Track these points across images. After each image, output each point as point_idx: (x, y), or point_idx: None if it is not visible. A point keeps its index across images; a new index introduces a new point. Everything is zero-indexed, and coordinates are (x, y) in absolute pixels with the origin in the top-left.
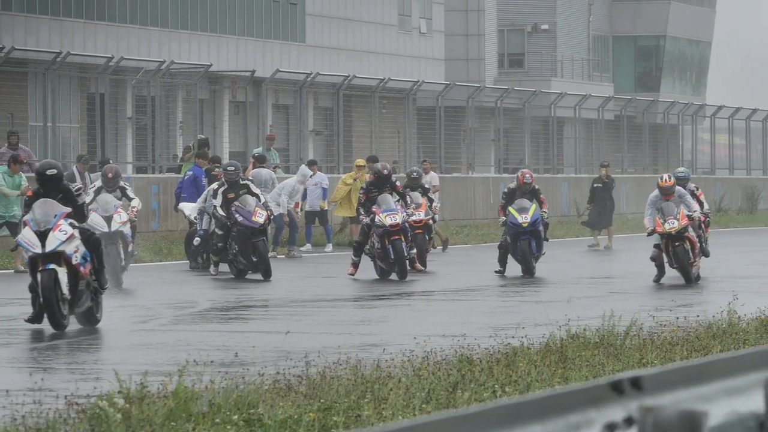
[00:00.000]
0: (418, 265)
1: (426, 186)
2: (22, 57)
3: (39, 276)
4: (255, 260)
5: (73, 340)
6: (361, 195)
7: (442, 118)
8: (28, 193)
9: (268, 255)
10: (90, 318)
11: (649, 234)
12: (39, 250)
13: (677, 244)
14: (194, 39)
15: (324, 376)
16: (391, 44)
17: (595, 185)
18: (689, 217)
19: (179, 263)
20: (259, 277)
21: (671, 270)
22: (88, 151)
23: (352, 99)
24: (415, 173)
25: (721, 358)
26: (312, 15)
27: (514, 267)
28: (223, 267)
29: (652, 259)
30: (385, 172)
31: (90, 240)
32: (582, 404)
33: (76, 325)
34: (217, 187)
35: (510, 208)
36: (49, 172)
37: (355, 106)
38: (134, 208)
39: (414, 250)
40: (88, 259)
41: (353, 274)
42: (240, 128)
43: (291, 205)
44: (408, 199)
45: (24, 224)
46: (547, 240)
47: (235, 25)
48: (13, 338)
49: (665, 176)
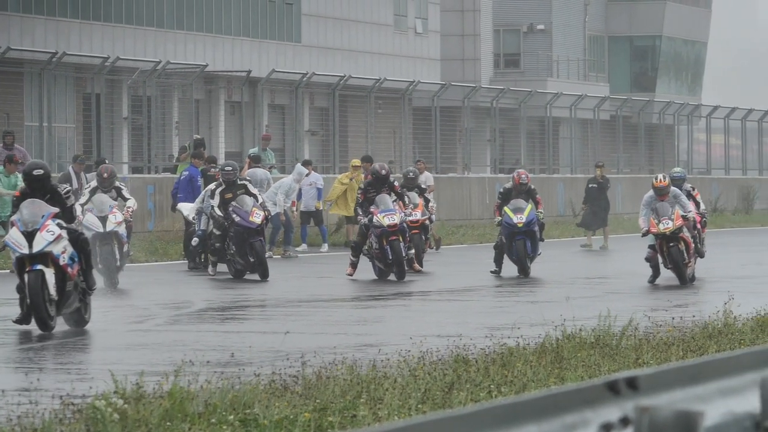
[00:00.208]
0: (416, 266)
1: (422, 186)
2: (17, 57)
3: (26, 277)
4: (252, 260)
5: (69, 340)
6: (359, 195)
7: (438, 118)
8: (16, 194)
9: (266, 255)
10: (78, 319)
11: (644, 234)
12: (26, 250)
13: (672, 244)
14: (190, 39)
15: (320, 377)
16: (386, 44)
17: (590, 185)
18: (684, 217)
19: (175, 263)
20: (256, 277)
21: (666, 270)
22: (84, 151)
23: (347, 99)
24: (412, 173)
25: (717, 358)
26: (308, 15)
27: (509, 267)
28: (222, 267)
29: (647, 259)
30: (383, 172)
31: (78, 240)
32: (578, 404)
33: (65, 326)
34: (215, 187)
35: (505, 209)
36: (36, 173)
37: (351, 106)
38: (130, 208)
39: (412, 251)
40: (76, 259)
41: (352, 275)
42: (236, 128)
43: (288, 204)
44: (406, 200)
45: (11, 224)
46: (543, 240)
47: (231, 25)
48: (8, 338)
49: (660, 176)
